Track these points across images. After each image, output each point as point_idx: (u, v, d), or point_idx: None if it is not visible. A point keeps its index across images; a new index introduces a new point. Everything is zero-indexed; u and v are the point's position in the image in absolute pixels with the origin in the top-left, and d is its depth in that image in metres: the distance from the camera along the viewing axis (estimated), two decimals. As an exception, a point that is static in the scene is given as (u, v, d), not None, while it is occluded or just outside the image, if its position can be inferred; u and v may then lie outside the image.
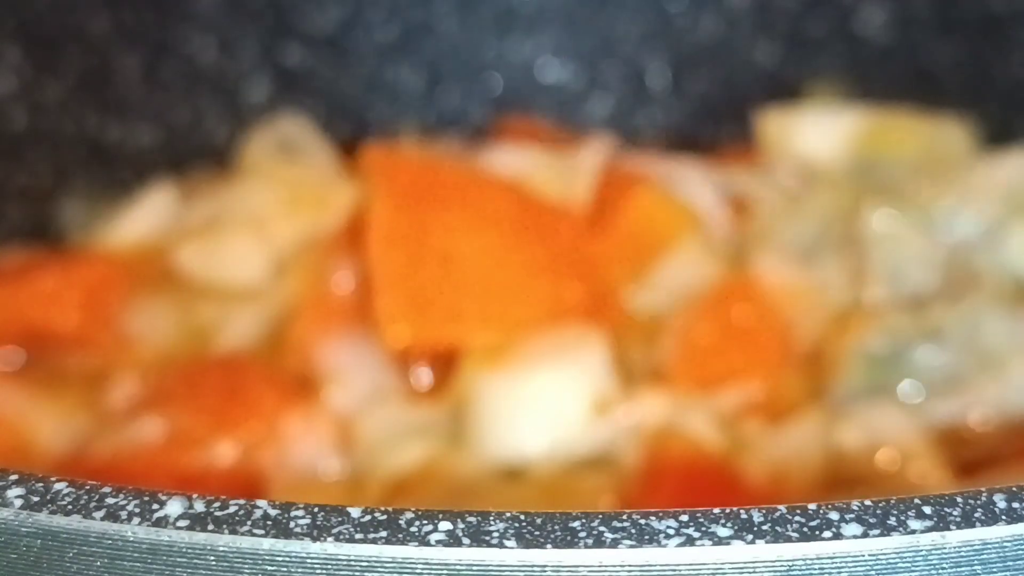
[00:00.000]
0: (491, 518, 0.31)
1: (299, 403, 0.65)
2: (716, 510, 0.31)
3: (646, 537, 0.30)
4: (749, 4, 0.82)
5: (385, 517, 0.31)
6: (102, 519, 0.31)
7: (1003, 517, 0.31)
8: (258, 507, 0.31)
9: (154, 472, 0.61)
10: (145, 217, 0.75)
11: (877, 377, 0.65)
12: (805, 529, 0.31)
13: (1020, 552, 0.31)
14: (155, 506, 0.32)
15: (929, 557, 0.31)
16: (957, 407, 0.64)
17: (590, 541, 0.30)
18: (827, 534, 0.31)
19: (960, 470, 0.61)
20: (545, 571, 0.30)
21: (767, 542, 0.30)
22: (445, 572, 0.31)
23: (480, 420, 0.63)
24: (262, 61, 0.80)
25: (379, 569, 0.31)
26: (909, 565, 0.31)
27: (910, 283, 0.69)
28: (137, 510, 0.32)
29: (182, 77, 0.79)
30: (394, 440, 0.64)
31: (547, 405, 0.63)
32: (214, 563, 0.31)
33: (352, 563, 0.31)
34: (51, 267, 0.72)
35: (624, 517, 0.31)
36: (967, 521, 0.31)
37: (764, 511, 0.31)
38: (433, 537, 0.31)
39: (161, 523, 0.31)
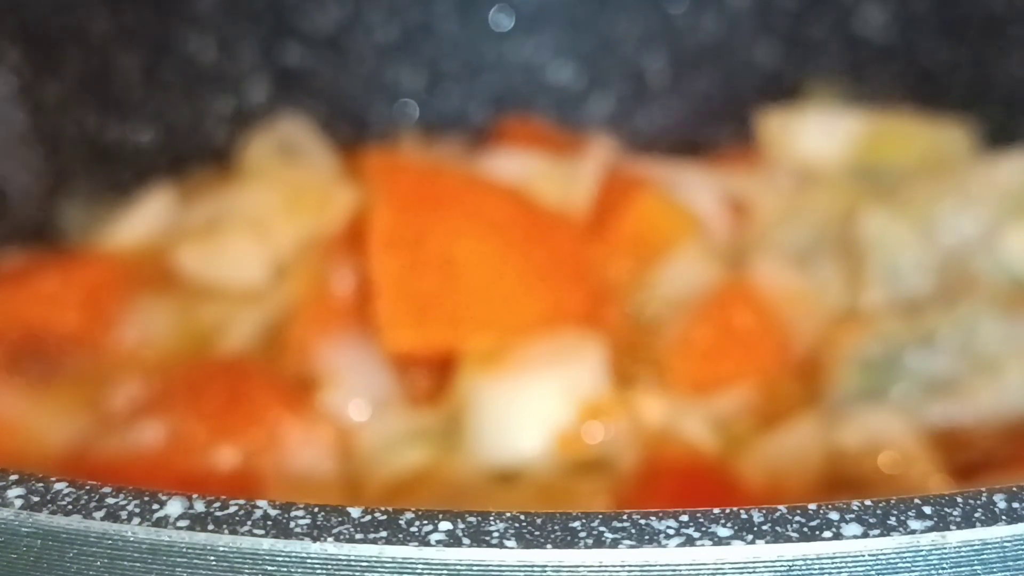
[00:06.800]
0: (491, 518, 0.31)
1: (299, 409, 0.65)
2: (716, 510, 0.31)
3: (646, 537, 0.30)
4: (749, 4, 0.82)
5: (385, 517, 0.31)
6: (102, 519, 0.31)
7: (1003, 517, 0.31)
8: (258, 507, 0.31)
9: (154, 476, 0.61)
10: (145, 218, 0.75)
11: (873, 381, 0.65)
12: (805, 529, 0.31)
13: (1020, 552, 0.31)
14: (155, 506, 0.32)
15: (929, 557, 0.31)
16: (953, 411, 0.64)
17: (590, 541, 0.30)
18: (827, 534, 0.31)
19: (957, 473, 0.61)
20: (545, 571, 0.30)
21: (767, 542, 0.30)
22: (445, 572, 0.31)
23: (477, 424, 0.63)
24: (262, 61, 0.80)
25: (379, 569, 0.31)
26: (909, 565, 0.31)
27: (907, 286, 0.69)
28: (137, 510, 0.32)
29: (182, 77, 0.79)
30: (392, 444, 0.64)
31: (543, 409, 0.63)
32: (214, 563, 0.31)
33: (352, 563, 0.31)
34: (51, 268, 0.72)
35: (624, 517, 0.31)
36: (967, 521, 0.31)
37: (764, 511, 0.31)
38: (433, 537, 0.31)
39: (161, 523, 0.31)
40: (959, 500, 0.31)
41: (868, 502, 0.31)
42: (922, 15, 0.81)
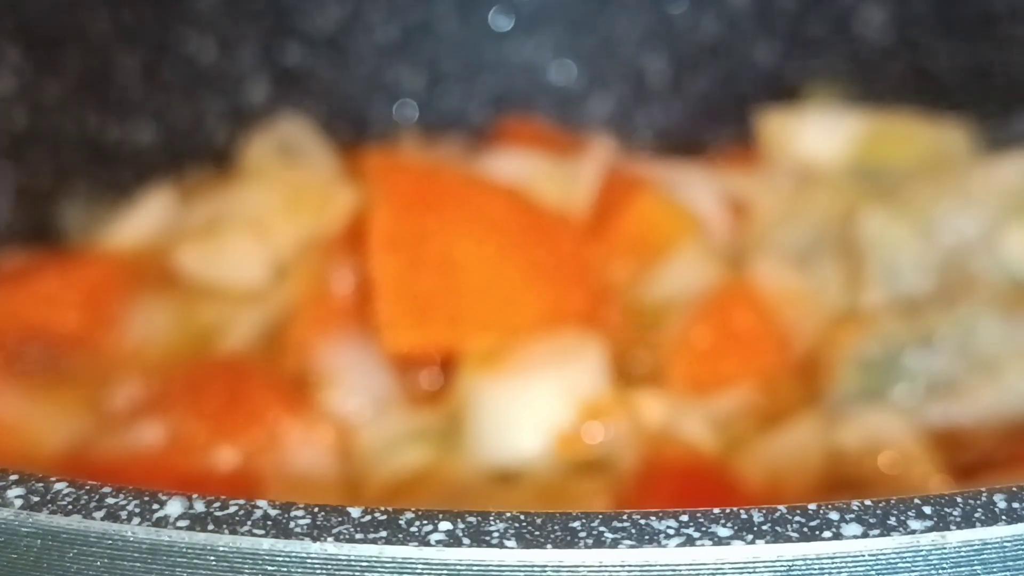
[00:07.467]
0: (491, 518, 0.31)
1: (299, 409, 0.65)
2: (716, 510, 0.31)
3: (646, 537, 0.30)
4: (749, 4, 0.82)
5: (385, 517, 0.31)
6: (102, 519, 0.31)
7: (1003, 517, 0.31)
8: (258, 507, 0.31)
9: (154, 475, 0.61)
10: (145, 218, 0.75)
11: (872, 381, 0.65)
12: (805, 529, 0.31)
13: (1020, 552, 0.31)
14: (155, 506, 0.32)
15: (929, 557, 0.31)
16: (953, 411, 0.64)
17: (590, 541, 0.30)
18: (827, 534, 0.31)
19: (956, 474, 0.61)
20: (545, 571, 0.30)
21: (767, 542, 0.30)
22: (445, 572, 0.31)
23: (477, 424, 0.63)
24: (262, 61, 0.80)
25: (379, 569, 0.31)
26: (909, 565, 0.31)
27: (907, 286, 0.69)
28: (137, 510, 0.32)
29: (182, 77, 0.79)
30: (392, 444, 0.64)
31: (543, 409, 0.63)
32: (214, 563, 0.31)
33: (352, 563, 0.31)
34: (51, 268, 0.72)
35: (624, 517, 0.31)
36: (967, 521, 0.31)
37: (764, 511, 0.31)
38: (433, 537, 0.31)
39: (161, 523, 0.31)
40: (959, 500, 0.31)
41: (868, 502, 0.31)
42: (922, 15, 0.81)
